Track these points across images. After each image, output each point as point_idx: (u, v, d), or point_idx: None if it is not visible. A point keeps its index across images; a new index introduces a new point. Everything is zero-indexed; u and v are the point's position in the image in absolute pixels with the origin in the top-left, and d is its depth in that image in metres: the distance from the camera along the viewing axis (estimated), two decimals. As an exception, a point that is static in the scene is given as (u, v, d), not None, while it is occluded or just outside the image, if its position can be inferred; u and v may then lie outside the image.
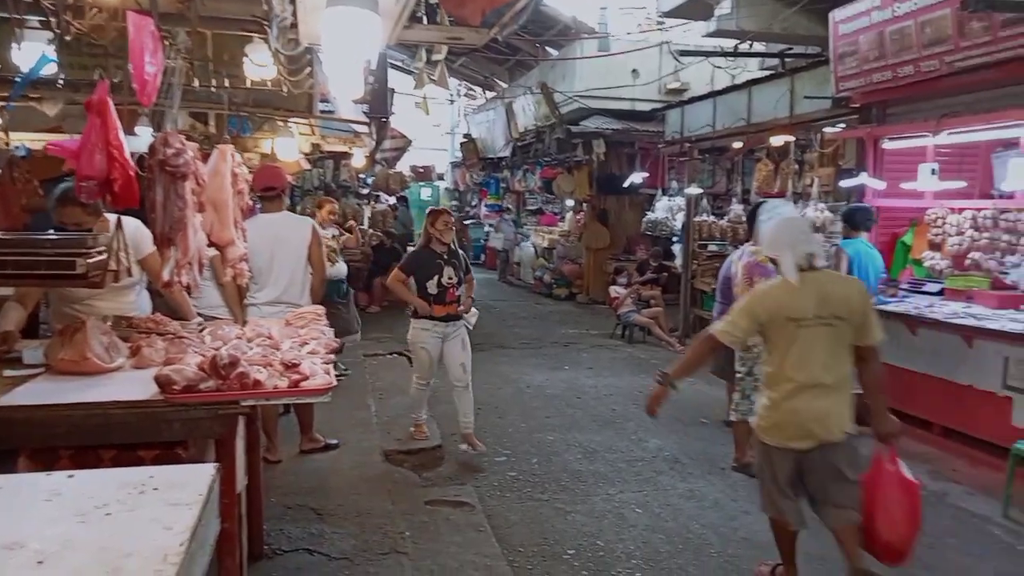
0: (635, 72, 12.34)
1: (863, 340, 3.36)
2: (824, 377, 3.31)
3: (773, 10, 7.44)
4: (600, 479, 5.22)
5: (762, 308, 3.38)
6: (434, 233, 5.38)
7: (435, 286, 5.31)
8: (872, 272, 6.01)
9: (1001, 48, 5.04)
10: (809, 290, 3.32)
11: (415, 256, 5.52)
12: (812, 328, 3.30)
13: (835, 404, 3.35)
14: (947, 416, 5.76)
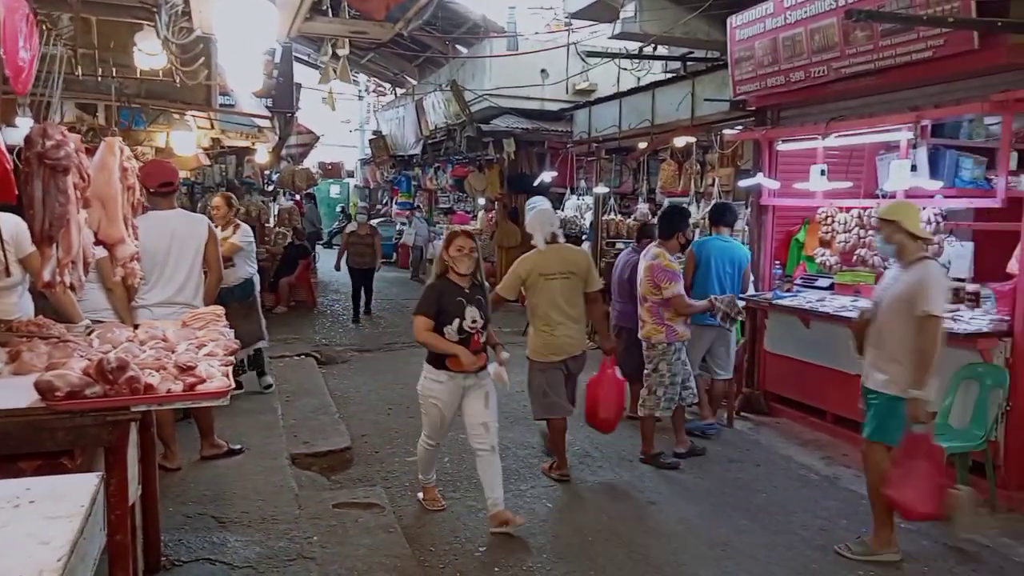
0: (544, 72, 12.46)
1: (588, 288, 5.14)
2: (569, 313, 5.07)
3: (675, 14, 7.65)
4: (512, 475, 5.23)
5: (523, 269, 5.10)
6: (449, 261, 4.22)
7: (456, 331, 4.15)
8: (731, 264, 6.17)
9: (882, 56, 5.35)
10: (553, 255, 5.10)
11: (433, 292, 4.22)
12: (556, 280, 5.04)
13: (576, 331, 5.15)
14: (838, 404, 6.08)
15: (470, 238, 4.27)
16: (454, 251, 4.21)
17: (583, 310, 5.14)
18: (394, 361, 8.82)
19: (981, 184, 5.79)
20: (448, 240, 4.31)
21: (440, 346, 4.18)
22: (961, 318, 5.14)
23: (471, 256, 4.20)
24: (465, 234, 4.31)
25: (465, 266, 4.20)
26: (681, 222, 5.65)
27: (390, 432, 6.14)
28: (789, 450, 5.81)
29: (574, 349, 5.08)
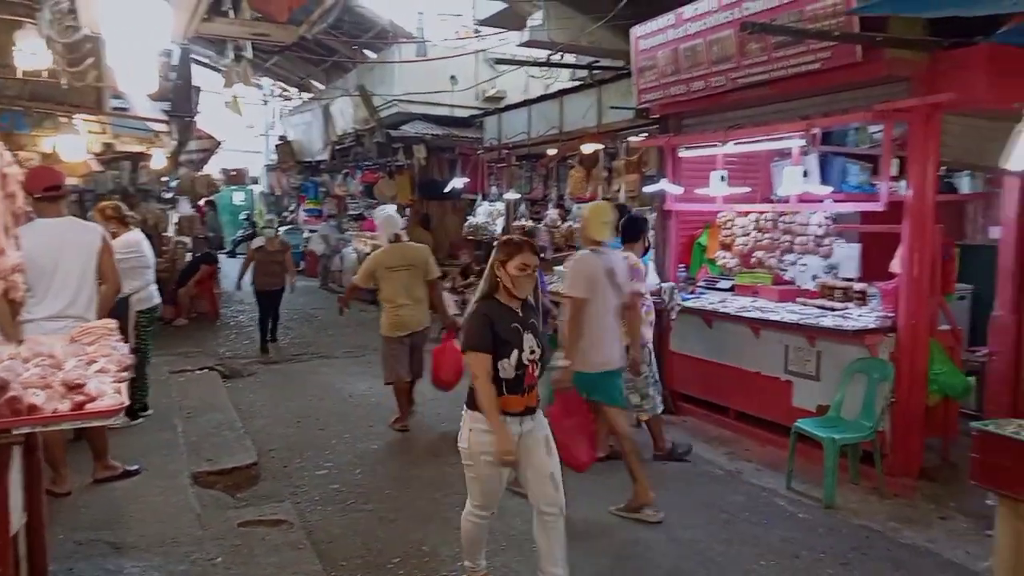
0: (454, 79, 12.46)
1: (428, 277, 6.40)
2: (411, 297, 6.28)
3: (581, 24, 7.80)
4: (427, 484, 5.19)
5: (373, 264, 6.39)
6: (504, 280, 3.37)
7: (513, 367, 3.32)
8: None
9: (775, 68, 5.61)
10: (396, 252, 6.40)
11: (483, 319, 3.35)
12: (399, 271, 6.27)
13: (418, 311, 6.36)
14: (740, 401, 6.33)
15: (535, 253, 3.38)
16: (515, 269, 3.32)
17: (424, 294, 6.44)
18: (303, 373, 8.60)
19: (866, 189, 6.14)
20: (507, 253, 3.35)
21: (491, 413, 3.29)
22: (850, 315, 5.44)
23: (533, 277, 3.39)
24: (530, 247, 3.37)
25: (526, 289, 3.37)
26: (644, 225, 5.83)
27: (299, 446, 5.97)
28: (695, 447, 5.99)
29: (416, 326, 6.39)
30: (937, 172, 5.22)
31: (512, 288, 3.36)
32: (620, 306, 4.78)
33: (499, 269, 3.37)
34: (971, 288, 6.58)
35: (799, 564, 4.06)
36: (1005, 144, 3.80)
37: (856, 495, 4.97)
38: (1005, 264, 5.65)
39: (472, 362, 3.36)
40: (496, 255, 3.40)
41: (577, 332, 4.59)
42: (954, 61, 4.84)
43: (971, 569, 3.96)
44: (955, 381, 5.19)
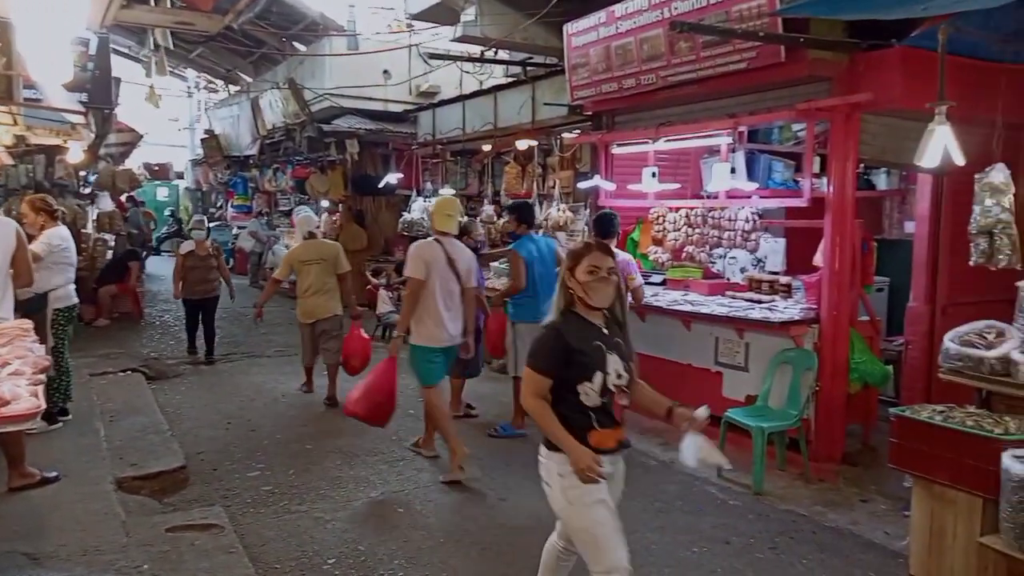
0: (387, 73, 12.30)
1: (338, 271, 7.12)
2: (323, 288, 7.05)
3: (514, 20, 7.81)
4: (362, 483, 5.13)
5: (291, 258, 7.27)
6: (576, 289, 2.86)
7: (597, 392, 2.81)
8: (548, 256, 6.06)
9: (703, 67, 5.73)
10: (310, 247, 7.24)
11: (556, 337, 2.84)
12: (312, 265, 7.05)
13: (327, 300, 7.09)
14: (673, 392, 6.33)
15: (609, 254, 2.89)
16: (584, 274, 2.83)
17: (335, 286, 7.14)
18: (232, 373, 8.38)
19: (790, 185, 6.36)
20: (574, 259, 2.88)
21: (553, 431, 2.78)
22: (776, 308, 5.62)
23: (610, 281, 2.83)
24: (601, 248, 2.91)
25: (602, 296, 2.84)
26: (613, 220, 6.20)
27: (229, 448, 5.81)
28: (630, 438, 6.07)
29: (324, 313, 7.10)
30: (856, 169, 5.43)
31: (586, 297, 2.83)
32: (461, 291, 5.27)
33: (569, 279, 2.87)
34: (888, 280, 6.89)
35: (730, 549, 4.17)
36: (919, 142, 3.99)
37: (783, 481, 5.14)
38: (919, 257, 5.94)
39: (526, 380, 2.87)
40: (564, 264, 2.93)
41: (412, 309, 5.16)
42: (871, 63, 5.04)
43: (890, 548, 4.14)
44: (874, 369, 5.43)
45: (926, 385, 5.66)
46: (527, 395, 2.87)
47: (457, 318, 5.27)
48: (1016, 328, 4.15)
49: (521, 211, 6.36)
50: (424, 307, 5.13)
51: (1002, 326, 4.21)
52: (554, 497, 2.87)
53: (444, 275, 5.19)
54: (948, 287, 5.80)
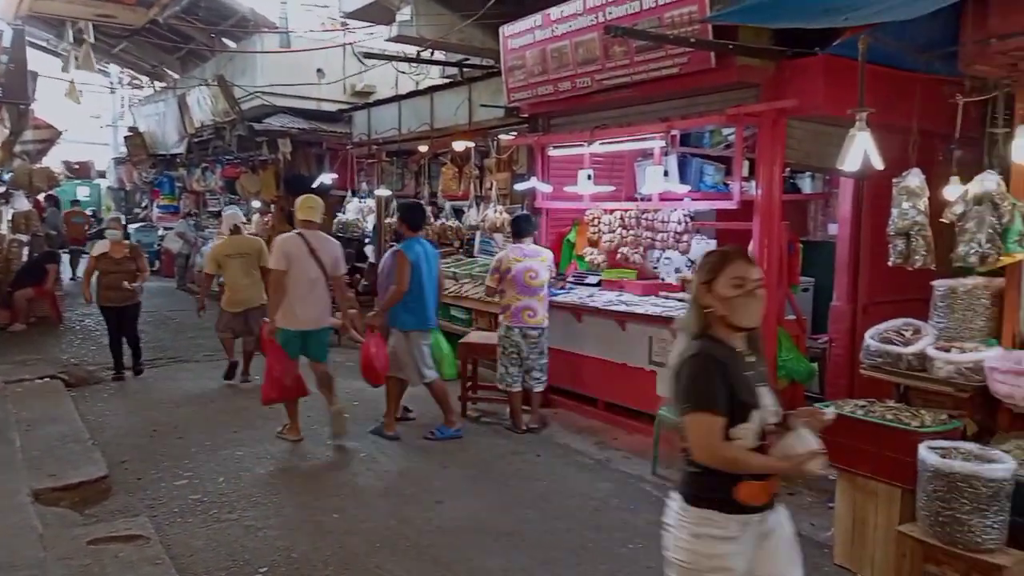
0: (320, 72, 12.10)
1: (261, 263, 7.45)
2: (247, 279, 7.58)
3: (451, 21, 7.78)
4: (295, 489, 5.02)
5: (216, 253, 7.81)
6: (717, 307, 2.34)
7: (754, 435, 2.32)
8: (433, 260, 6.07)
9: (637, 71, 5.83)
10: (233, 242, 7.78)
11: (712, 368, 2.29)
12: (235, 259, 7.59)
13: (251, 291, 7.57)
14: (608, 392, 6.55)
15: (753, 262, 2.40)
16: (729, 288, 2.31)
17: (258, 277, 7.59)
18: (158, 379, 8.09)
19: (721, 188, 6.53)
20: (711, 270, 2.36)
21: (760, 464, 2.31)
22: (708, 308, 5.75)
23: (759, 296, 2.34)
24: (742, 256, 2.39)
25: (752, 314, 2.35)
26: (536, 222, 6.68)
27: (155, 456, 5.61)
28: (567, 438, 6.14)
29: (248, 303, 7.57)
30: (783, 173, 5.61)
31: (730, 316, 2.32)
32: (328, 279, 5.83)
33: (705, 295, 2.34)
34: (813, 280, 7.14)
35: (664, 545, 4.24)
36: (841, 147, 4.14)
37: (715, 477, 5.25)
38: (842, 258, 6.17)
39: (695, 427, 2.26)
40: (696, 277, 2.40)
41: (279, 296, 5.66)
42: (797, 70, 5.22)
43: (815, 540, 4.28)
44: (800, 366, 5.61)
45: (849, 381, 5.88)
46: (704, 446, 2.25)
47: (319, 304, 5.82)
48: (931, 325, 4.37)
49: (408, 213, 6.25)
50: (288, 294, 5.67)
51: (918, 324, 4.42)
52: (677, 552, 2.41)
53: (306, 265, 5.71)
54: (868, 287, 6.04)
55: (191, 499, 4.81)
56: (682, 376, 2.32)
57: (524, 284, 6.15)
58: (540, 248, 6.47)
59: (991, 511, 3.25)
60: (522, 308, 6.16)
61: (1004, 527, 3.29)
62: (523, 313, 6.16)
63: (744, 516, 2.32)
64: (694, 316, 2.40)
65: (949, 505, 3.31)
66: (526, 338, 6.19)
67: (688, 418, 2.28)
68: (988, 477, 3.25)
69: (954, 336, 4.22)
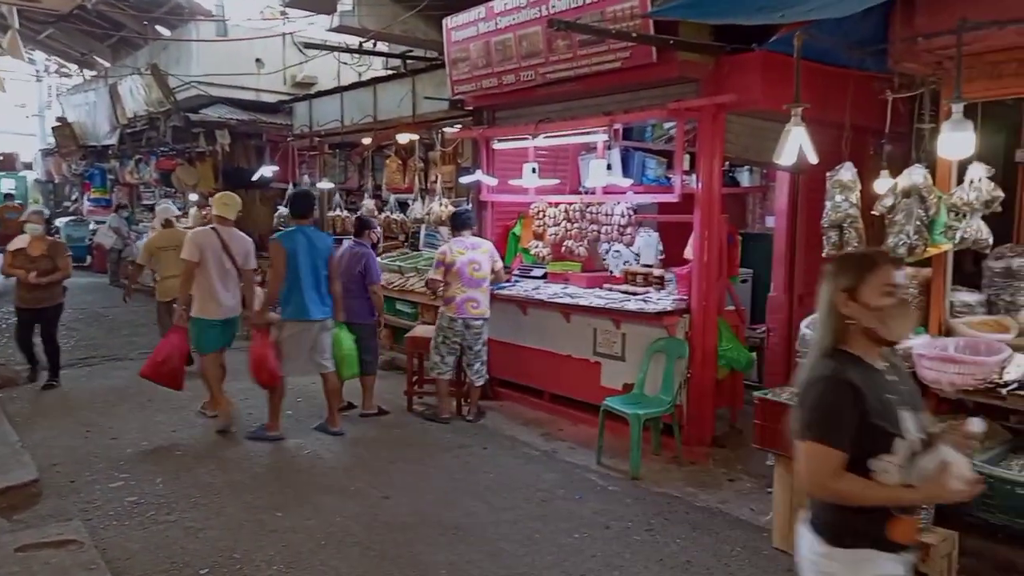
0: (259, 61, 11.82)
1: None
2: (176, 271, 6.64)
3: (393, 12, 7.69)
4: (237, 488, 4.91)
5: (150, 245, 7.83)
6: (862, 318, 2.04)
7: (899, 467, 2.01)
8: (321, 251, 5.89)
9: (580, 65, 5.86)
10: (166, 235, 7.79)
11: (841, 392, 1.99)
12: (167, 251, 7.42)
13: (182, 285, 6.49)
14: (554, 383, 6.59)
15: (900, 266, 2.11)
16: (877, 295, 2.03)
17: None
18: (91, 378, 7.82)
19: (663, 181, 6.62)
20: (855, 275, 2.05)
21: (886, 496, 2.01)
22: (650, 299, 5.84)
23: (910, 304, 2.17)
24: (891, 260, 2.13)
25: (905, 326, 2.10)
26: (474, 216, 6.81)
27: (88, 457, 5.42)
28: (513, 430, 6.17)
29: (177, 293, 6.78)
30: (722, 167, 5.72)
31: (881, 329, 2.03)
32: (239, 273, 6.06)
33: (846, 304, 2.04)
34: (752, 272, 7.31)
35: (609, 534, 4.30)
36: (777, 142, 4.24)
37: (658, 465, 5.35)
38: (779, 250, 6.33)
39: (811, 458, 2.00)
40: (833, 283, 2.09)
41: (187, 286, 5.97)
42: (735, 65, 5.32)
43: (755, 524, 4.40)
44: (740, 356, 5.75)
45: (786, 369, 6.04)
46: (815, 481, 2.00)
47: (232, 293, 6.05)
48: (863, 314, 4.51)
49: (294, 201, 6.25)
50: (201, 285, 5.95)
51: (851, 313, 4.56)
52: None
53: (219, 258, 5.99)
54: (804, 277, 6.21)
55: (127, 501, 4.66)
56: (808, 398, 2.05)
57: (469, 276, 6.20)
58: (481, 240, 6.54)
59: (919, 492, 3.39)
60: (467, 300, 6.21)
61: (931, 507, 3.42)
62: (467, 304, 6.21)
63: (902, 555, 2.06)
64: (830, 328, 2.08)
65: (880, 487, 3.43)
66: (469, 328, 6.25)
67: (804, 445, 2.01)
68: (916, 459, 3.38)
69: (884, 324, 4.37)
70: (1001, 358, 3.71)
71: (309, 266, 5.76)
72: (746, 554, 4.07)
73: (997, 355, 3.73)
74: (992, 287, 4.33)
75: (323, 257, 5.89)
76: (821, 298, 2.12)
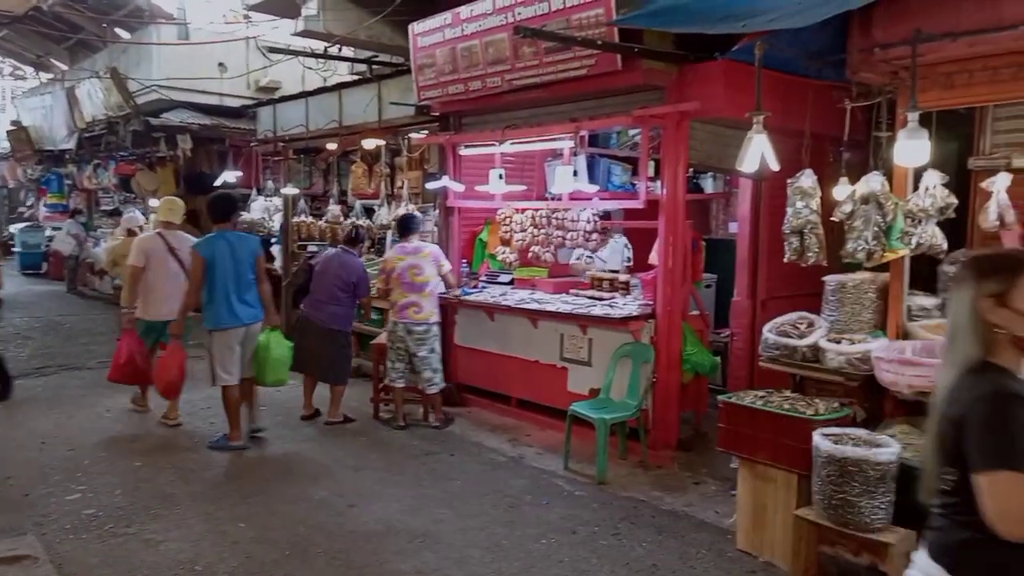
0: (222, 65, 11.68)
1: None
2: None
3: (359, 17, 7.64)
4: (199, 499, 4.82)
5: (115, 252, 7.80)
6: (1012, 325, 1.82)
7: None
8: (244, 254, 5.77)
9: (546, 71, 5.89)
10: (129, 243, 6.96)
11: (1010, 412, 1.73)
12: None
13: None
14: (521, 389, 6.60)
15: None
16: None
17: None
18: (47, 387, 7.62)
19: (628, 188, 6.67)
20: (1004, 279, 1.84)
21: None
22: (616, 304, 5.88)
23: None
24: None
25: None
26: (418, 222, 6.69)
27: (44, 469, 5.28)
28: (480, 436, 6.15)
29: None
30: (686, 173, 5.79)
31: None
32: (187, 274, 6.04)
33: (993, 311, 1.83)
34: (715, 277, 7.41)
35: (576, 539, 4.31)
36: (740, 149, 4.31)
37: (624, 469, 5.38)
38: (742, 255, 6.43)
39: (998, 493, 1.71)
40: (975, 288, 1.86)
41: (133, 289, 6.32)
42: (698, 74, 5.40)
43: (720, 526, 4.45)
44: (704, 360, 5.81)
45: (749, 373, 6.13)
46: (1015, 517, 1.70)
47: (177, 296, 6.05)
48: (824, 319, 4.60)
49: (212, 205, 5.98)
50: (147, 288, 6.26)
51: (812, 317, 4.65)
52: None
53: (165, 262, 6.29)
54: (767, 282, 6.32)
55: (85, 514, 4.54)
56: (972, 424, 1.76)
57: (409, 281, 6.24)
58: (423, 244, 6.50)
59: (879, 493, 3.46)
60: (408, 304, 6.25)
61: (890, 507, 3.50)
62: (409, 309, 6.24)
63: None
64: (975, 339, 1.85)
65: (841, 488, 3.50)
66: (411, 334, 6.24)
67: (985, 479, 1.72)
68: (876, 461, 3.45)
69: (844, 328, 4.47)
70: (956, 360, 3.80)
71: (231, 271, 5.64)
72: (711, 556, 4.11)
73: (952, 358, 3.82)
74: (947, 291, 4.43)
75: (248, 261, 5.76)
76: (958, 305, 1.89)
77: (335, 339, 6.43)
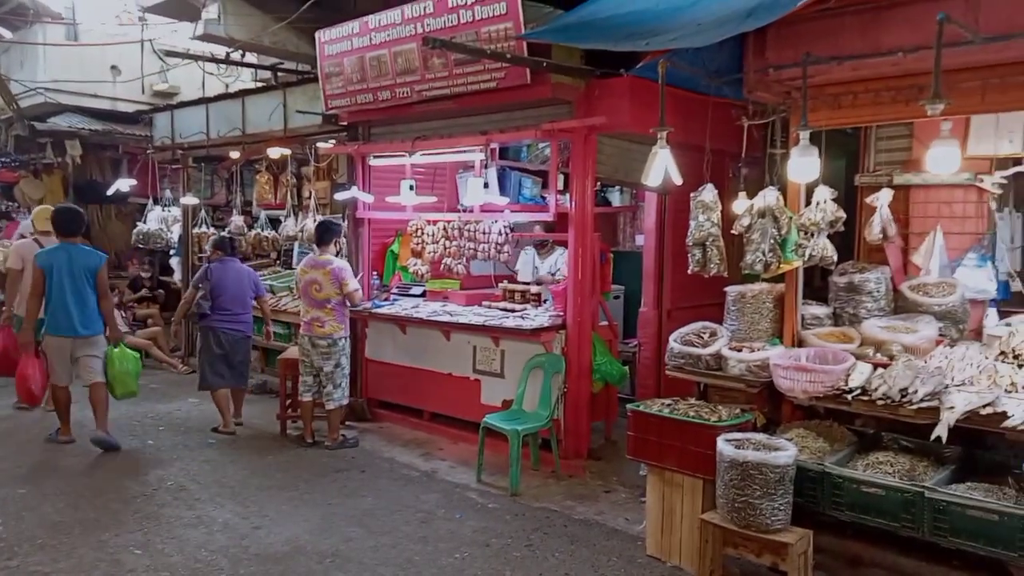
0: (115, 68, 11.12)
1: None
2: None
3: (262, 22, 7.44)
4: (90, 526, 4.54)
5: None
6: None
7: None
8: (83, 268, 5.89)
9: (456, 83, 5.89)
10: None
11: None
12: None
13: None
14: (434, 402, 6.54)
15: None
16: None
17: None
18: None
19: (538, 200, 6.75)
20: None
21: None
22: (528, 316, 5.92)
23: None
24: None
25: None
26: (337, 229, 6.42)
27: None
28: (392, 452, 6.06)
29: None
30: (595, 187, 5.91)
31: None
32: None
33: None
34: (623, 288, 7.58)
35: (489, 552, 4.30)
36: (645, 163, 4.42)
37: (537, 480, 5.41)
38: (648, 267, 6.61)
39: None
40: None
41: (14, 292, 6.47)
42: (605, 89, 5.52)
43: (630, 533, 4.53)
44: (614, 369, 5.93)
45: (656, 381, 6.29)
46: None
47: None
48: (725, 328, 4.78)
49: (57, 219, 6.16)
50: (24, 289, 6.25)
51: (714, 326, 4.82)
52: None
53: None
54: (672, 293, 6.51)
55: (-41, 549, 4.20)
56: None
57: (311, 297, 6.17)
58: (329, 260, 6.17)
59: (778, 494, 3.61)
60: (311, 319, 6.18)
61: (788, 508, 3.65)
62: (313, 324, 6.16)
63: None
64: None
65: (743, 492, 3.63)
66: (315, 347, 6.14)
67: None
68: (775, 464, 3.60)
69: (744, 337, 4.65)
70: (846, 366, 4.02)
71: (69, 283, 5.83)
72: (622, 563, 4.18)
73: (843, 364, 4.04)
74: (837, 300, 4.69)
75: (87, 275, 5.92)
76: None
77: (247, 344, 6.80)
